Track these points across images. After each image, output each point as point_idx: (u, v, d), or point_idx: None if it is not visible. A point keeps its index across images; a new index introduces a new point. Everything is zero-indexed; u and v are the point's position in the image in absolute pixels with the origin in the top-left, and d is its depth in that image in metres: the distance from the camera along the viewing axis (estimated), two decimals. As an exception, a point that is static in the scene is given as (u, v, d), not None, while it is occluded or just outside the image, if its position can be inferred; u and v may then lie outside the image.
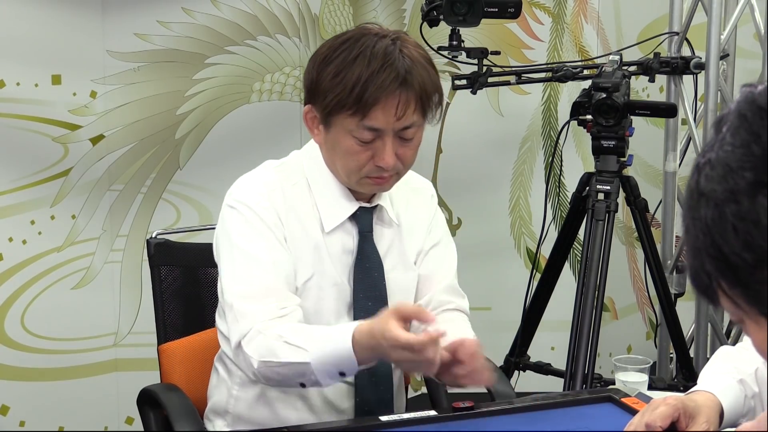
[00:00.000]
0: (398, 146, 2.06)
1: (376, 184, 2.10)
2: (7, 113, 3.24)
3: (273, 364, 1.98)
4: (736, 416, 1.90)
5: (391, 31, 2.09)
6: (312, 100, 2.09)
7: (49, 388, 3.43)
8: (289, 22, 3.58)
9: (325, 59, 2.06)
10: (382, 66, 2.00)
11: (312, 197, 2.14)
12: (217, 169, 3.54)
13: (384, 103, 2.00)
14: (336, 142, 2.06)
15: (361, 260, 2.15)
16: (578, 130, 3.71)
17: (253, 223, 2.09)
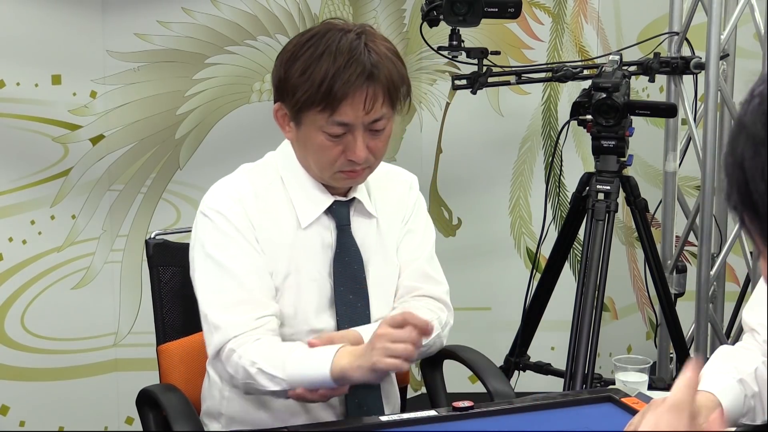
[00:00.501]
0: (369, 139, 2.07)
1: (349, 177, 2.12)
2: (7, 113, 3.24)
3: (253, 387, 2.05)
4: (736, 416, 1.90)
5: (356, 25, 2.11)
6: (281, 98, 2.12)
7: (49, 388, 3.43)
8: (289, 22, 3.58)
9: (292, 56, 2.08)
10: (348, 61, 2.02)
11: (287, 195, 2.16)
12: (217, 169, 3.50)
13: (352, 97, 2.02)
14: (307, 138, 2.09)
15: (341, 254, 2.16)
16: (578, 130, 3.71)
17: (225, 231, 2.12)
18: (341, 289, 2.16)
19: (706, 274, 3.54)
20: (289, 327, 2.14)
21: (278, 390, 2.02)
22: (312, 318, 2.14)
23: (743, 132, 1.03)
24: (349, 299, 2.16)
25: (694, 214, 3.62)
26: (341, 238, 2.17)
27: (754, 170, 1.00)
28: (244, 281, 2.09)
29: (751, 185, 1.01)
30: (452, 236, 4.04)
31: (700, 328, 3.57)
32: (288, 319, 2.14)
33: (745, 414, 1.91)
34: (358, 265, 2.17)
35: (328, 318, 2.16)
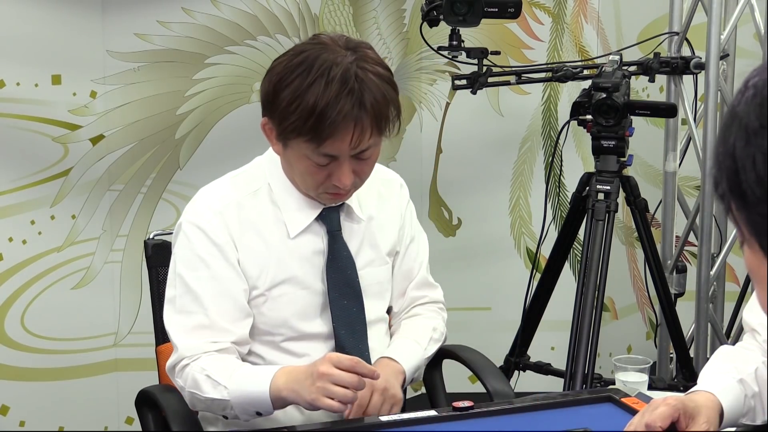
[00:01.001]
0: (355, 165, 2.05)
1: (334, 197, 2.11)
2: (7, 113, 3.24)
3: (198, 396, 2.05)
4: (736, 416, 1.90)
5: (350, 45, 2.04)
6: (268, 115, 2.07)
7: (49, 388, 3.43)
8: (289, 22, 3.58)
9: (281, 80, 2.02)
10: (338, 94, 1.97)
11: (275, 202, 2.15)
12: (217, 169, 3.49)
13: (341, 133, 1.99)
14: (293, 161, 2.07)
15: (333, 260, 2.16)
16: (578, 130, 3.71)
17: (197, 249, 2.11)
18: (335, 295, 2.15)
19: (706, 274, 3.54)
20: (277, 335, 2.15)
21: (218, 399, 2.01)
22: (304, 324, 2.15)
23: (736, 121, 1.04)
24: (344, 304, 2.16)
25: (694, 214, 3.62)
26: (333, 245, 2.16)
27: (745, 159, 1.01)
28: (208, 307, 2.09)
29: (741, 174, 1.01)
30: (452, 236, 4.04)
31: (700, 328, 3.58)
32: (275, 327, 2.14)
33: (745, 414, 1.91)
34: (351, 270, 2.17)
35: (321, 323, 2.16)
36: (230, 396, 1.99)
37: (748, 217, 1.04)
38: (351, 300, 2.17)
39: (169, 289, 2.15)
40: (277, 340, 2.15)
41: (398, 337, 2.26)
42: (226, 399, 2.00)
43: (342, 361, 1.91)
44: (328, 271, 2.15)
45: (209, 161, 3.52)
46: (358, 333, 2.18)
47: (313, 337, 2.15)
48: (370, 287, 2.20)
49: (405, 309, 2.31)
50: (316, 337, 2.15)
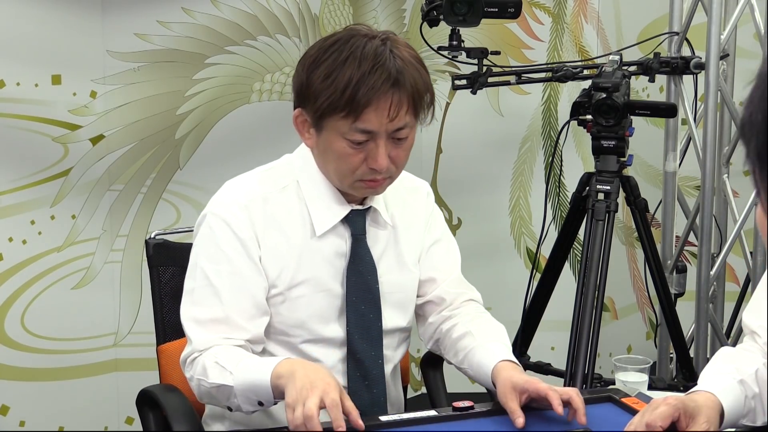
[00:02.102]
0: (391, 148, 2.04)
1: (369, 187, 2.08)
2: (7, 113, 3.24)
3: (204, 383, 2.02)
4: (737, 416, 1.90)
5: (380, 32, 2.07)
6: (302, 104, 2.07)
7: (49, 388, 3.43)
8: (289, 22, 3.58)
9: (315, 61, 2.03)
10: (372, 67, 1.98)
11: (302, 201, 2.13)
12: (217, 169, 3.53)
13: (376, 104, 1.98)
14: (328, 144, 2.04)
15: (354, 263, 2.13)
16: (578, 130, 3.71)
17: (220, 242, 2.09)
18: (353, 299, 2.13)
19: (706, 274, 3.54)
20: (293, 336, 2.13)
21: (223, 385, 1.97)
22: (318, 327, 2.13)
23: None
24: (361, 309, 2.13)
25: (694, 214, 3.62)
26: (356, 248, 2.13)
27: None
28: (227, 302, 2.07)
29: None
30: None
31: (700, 328, 3.58)
32: (292, 328, 2.12)
33: (745, 415, 1.91)
34: (371, 276, 2.14)
35: (337, 327, 2.14)
36: (234, 382, 1.96)
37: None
38: (369, 305, 2.14)
39: (188, 280, 2.12)
40: (293, 342, 2.13)
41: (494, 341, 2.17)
42: (230, 385, 1.97)
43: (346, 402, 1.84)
44: (348, 274, 2.13)
45: (209, 161, 3.52)
46: (372, 340, 2.15)
47: (328, 341, 2.13)
48: (390, 295, 2.17)
49: (450, 304, 2.25)
50: (330, 341, 2.13)
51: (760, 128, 1.01)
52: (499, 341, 2.15)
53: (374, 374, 2.15)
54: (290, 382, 1.86)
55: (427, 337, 2.29)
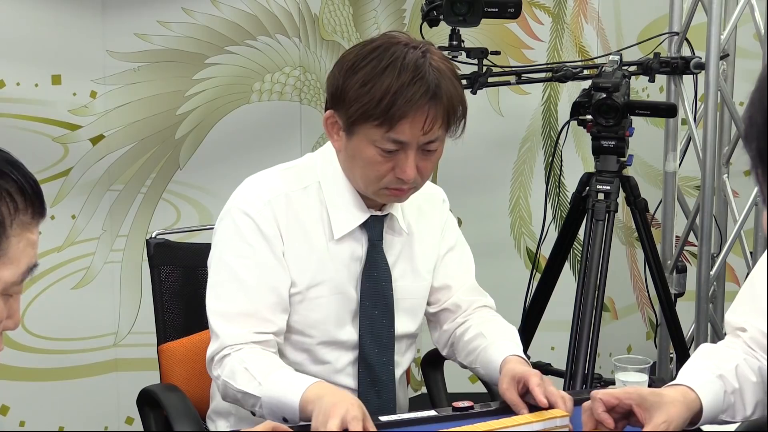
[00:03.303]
0: (420, 159, 2.03)
1: (393, 195, 2.08)
2: (7, 113, 3.24)
3: (231, 387, 2.01)
4: (717, 411, 1.89)
5: (419, 42, 2.06)
6: (335, 107, 2.05)
7: (49, 388, 3.43)
8: (289, 22, 3.58)
9: (353, 67, 2.01)
10: (412, 79, 1.97)
11: (322, 202, 2.12)
12: (217, 169, 3.54)
13: (413, 116, 1.97)
14: (357, 150, 2.04)
15: (369, 269, 2.13)
16: (578, 130, 3.71)
17: (246, 236, 2.08)
18: (366, 304, 2.13)
19: (706, 274, 3.54)
20: (309, 337, 2.13)
21: (250, 394, 1.97)
22: (333, 329, 2.13)
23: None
24: (374, 315, 2.13)
25: (694, 214, 3.62)
26: (372, 254, 2.13)
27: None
28: (253, 295, 2.06)
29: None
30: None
31: (700, 328, 3.58)
32: (309, 328, 2.12)
33: (725, 410, 1.90)
34: (386, 282, 2.14)
35: (350, 330, 2.14)
36: (262, 394, 1.96)
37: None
38: (382, 311, 2.14)
39: (213, 275, 2.11)
40: (308, 342, 2.13)
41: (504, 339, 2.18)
42: (257, 396, 1.96)
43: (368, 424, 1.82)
44: (363, 279, 2.13)
45: (209, 161, 3.52)
46: (384, 346, 2.15)
47: (342, 344, 2.13)
48: (403, 302, 2.17)
49: (465, 311, 2.25)
50: (343, 344, 2.14)
51: (760, 130, 1.01)
52: (510, 340, 2.16)
53: (384, 380, 2.15)
54: (317, 407, 1.85)
55: (442, 344, 2.29)
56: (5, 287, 1.35)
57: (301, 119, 3.64)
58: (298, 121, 3.64)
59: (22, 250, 1.34)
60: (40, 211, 1.36)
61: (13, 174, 1.32)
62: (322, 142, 3.71)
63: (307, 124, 3.64)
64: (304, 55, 3.61)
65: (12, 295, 1.37)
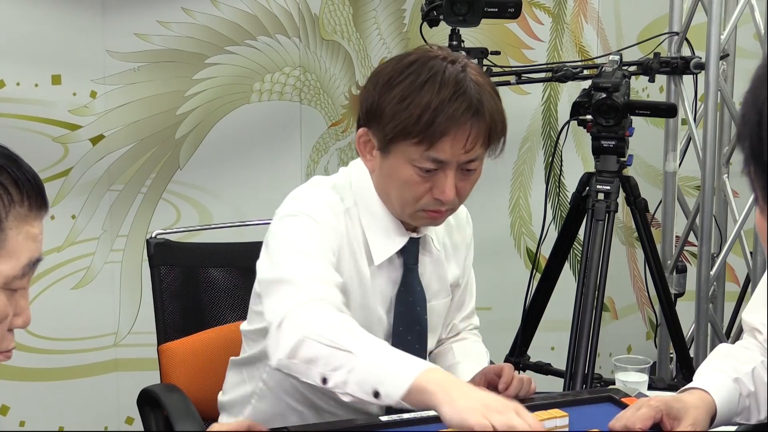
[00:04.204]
0: (459, 179, 1.95)
1: (430, 218, 1.99)
2: (7, 113, 3.24)
3: (313, 338, 1.74)
4: (730, 414, 1.90)
5: (457, 55, 1.97)
6: (369, 124, 1.96)
7: (49, 388, 3.43)
8: (289, 22, 3.58)
9: (389, 82, 1.92)
10: (453, 94, 1.88)
11: (361, 225, 2.01)
12: (217, 169, 3.54)
13: (454, 134, 1.89)
14: (393, 170, 1.95)
15: (405, 293, 2.05)
16: (578, 130, 3.71)
17: (317, 234, 1.93)
18: (400, 329, 2.04)
19: (706, 274, 3.54)
20: None
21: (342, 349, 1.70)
22: None
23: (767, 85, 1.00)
24: (407, 339, 2.05)
25: (694, 214, 3.62)
26: (407, 278, 2.05)
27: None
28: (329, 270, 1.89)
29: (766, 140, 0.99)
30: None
31: (700, 328, 3.58)
32: None
33: (739, 413, 1.91)
34: (420, 307, 2.07)
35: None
36: (361, 354, 1.70)
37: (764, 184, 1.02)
38: (415, 336, 2.06)
39: (275, 271, 1.90)
40: None
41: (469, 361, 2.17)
42: (351, 353, 1.70)
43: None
44: (397, 303, 2.04)
45: (209, 161, 3.52)
46: None
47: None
48: (433, 320, 2.12)
49: (457, 334, 2.25)
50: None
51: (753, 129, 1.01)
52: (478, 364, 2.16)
53: None
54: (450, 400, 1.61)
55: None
56: (6, 281, 1.34)
57: (301, 119, 3.64)
58: (298, 121, 3.64)
59: (21, 243, 1.33)
60: (39, 204, 1.35)
61: (9, 167, 1.32)
62: (322, 142, 3.74)
63: (307, 124, 3.64)
64: (304, 55, 3.61)
65: (17, 291, 1.37)
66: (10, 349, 1.39)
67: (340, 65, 3.68)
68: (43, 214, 1.36)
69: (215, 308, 2.47)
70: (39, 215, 1.35)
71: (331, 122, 3.68)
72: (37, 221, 1.35)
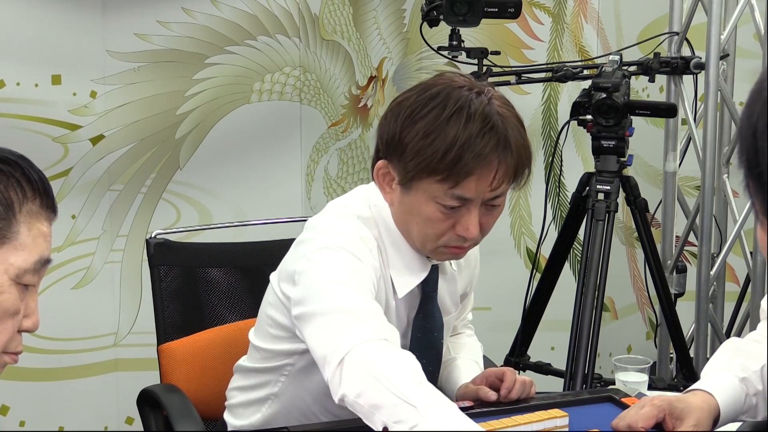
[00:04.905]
0: (482, 214, 1.90)
1: (452, 254, 1.95)
2: (7, 113, 3.24)
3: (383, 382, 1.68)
4: (736, 413, 1.89)
5: (481, 85, 1.89)
6: (390, 157, 1.89)
7: (49, 388, 3.43)
8: (289, 22, 3.58)
9: (412, 115, 1.84)
10: (481, 129, 1.81)
11: (384, 258, 1.95)
12: (217, 169, 3.54)
13: (480, 172, 1.82)
14: (415, 207, 1.89)
15: (423, 319, 2.02)
16: (578, 130, 3.71)
17: (358, 270, 1.86)
18: (417, 354, 1.86)
19: (706, 274, 3.54)
20: None
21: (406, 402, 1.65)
22: None
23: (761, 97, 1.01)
24: (423, 363, 1.91)
25: (694, 214, 3.62)
26: (426, 305, 2.01)
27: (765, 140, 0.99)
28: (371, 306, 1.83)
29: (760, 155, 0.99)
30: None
31: (700, 328, 3.58)
32: None
33: (745, 411, 1.90)
34: (438, 333, 2.04)
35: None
36: (426, 412, 1.63)
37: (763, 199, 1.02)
38: (430, 361, 2.03)
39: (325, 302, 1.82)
40: None
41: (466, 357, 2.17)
42: (416, 408, 1.64)
43: None
44: (414, 329, 2.01)
45: (209, 161, 3.52)
46: None
47: None
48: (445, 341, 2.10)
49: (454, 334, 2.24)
50: None
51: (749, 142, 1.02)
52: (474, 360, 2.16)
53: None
54: None
55: None
56: (18, 273, 1.36)
57: (301, 119, 3.64)
58: (298, 121, 3.64)
59: (33, 239, 1.39)
60: (49, 204, 1.39)
61: (23, 166, 1.36)
62: (322, 142, 3.74)
63: (307, 124, 3.65)
64: (304, 55, 3.61)
65: (27, 287, 1.38)
66: (19, 351, 1.40)
67: (340, 65, 3.68)
68: (53, 218, 1.40)
69: (215, 308, 2.47)
70: (49, 217, 1.39)
71: (331, 122, 3.68)
72: (47, 222, 1.39)
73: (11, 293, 1.37)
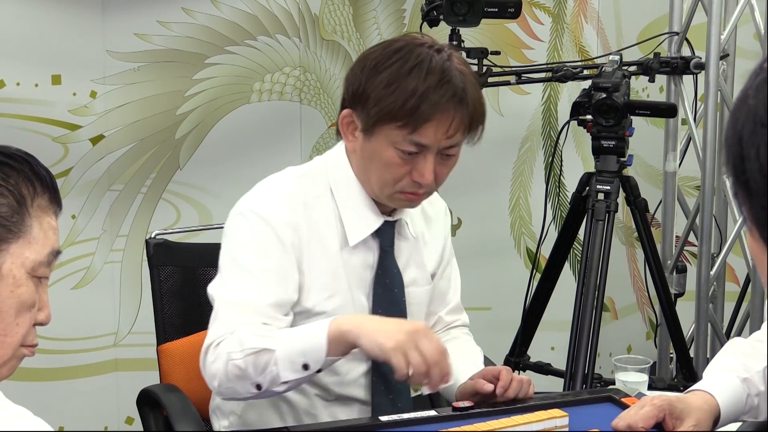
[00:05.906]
0: (438, 163, 2.01)
1: (407, 199, 2.04)
2: (7, 113, 3.24)
3: (236, 356, 1.91)
4: (737, 414, 1.88)
5: (442, 45, 2.03)
6: (354, 106, 2.01)
7: (49, 388, 3.43)
8: (289, 22, 3.58)
9: (376, 66, 1.97)
10: (439, 81, 1.94)
11: (335, 209, 2.07)
12: (217, 169, 3.54)
13: (438, 120, 1.95)
14: (375, 152, 2.00)
15: (382, 276, 2.09)
16: (578, 130, 3.71)
17: (261, 239, 2.01)
18: (379, 312, 2.07)
19: (706, 274, 3.54)
20: None
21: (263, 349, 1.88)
22: None
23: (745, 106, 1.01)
24: None
25: (694, 214, 3.62)
26: (384, 260, 2.09)
27: (750, 147, 0.99)
28: (264, 292, 1.98)
29: (746, 163, 1.00)
30: (452, 236, 4.02)
31: (700, 328, 3.58)
32: None
33: (746, 412, 1.90)
34: (398, 289, 2.11)
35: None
36: (276, 346, 1.87)
37: (750, 207, 1.03)
38: (396, 318, 2.05)
39: (225, 272, 2.03)
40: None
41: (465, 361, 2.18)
42: (271, 349, 1.87)
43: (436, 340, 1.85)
44: (375, 287, 2.09)
45: (209, 161, 3.52)
46: None
47: (353, 355, 2.01)
48: (411, 307, 2.14)
49: (438, 331, 2.25)
50: (356, 354, 2.01)
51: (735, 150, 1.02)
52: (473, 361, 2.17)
53: (399, 388, 2.12)
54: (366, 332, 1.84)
55: None
56: (34, 266, 1.46)
57: (301, 119, 3.64)
58: (298, 121, 3.64)
59: (44, 232, 1.45)
60: (56, 199, 1.45)
61: (31, 162, 1.40)
62: (322, 142, 3.73)
63: (307, 124, 3.65)
64: (304, 55, 3.61)
65: (41, 280, 1.43)
66: (35, 344, 1.48)
67: (340, 65, 3.68)
68: (59, 212, 1.46)
69: (215, 308, 2.47)
70: (56, 211, 1.47)
71: (331, 122, 3.68)
72: (55, 216, 1.46)
73: (28, 286, 1.48)
